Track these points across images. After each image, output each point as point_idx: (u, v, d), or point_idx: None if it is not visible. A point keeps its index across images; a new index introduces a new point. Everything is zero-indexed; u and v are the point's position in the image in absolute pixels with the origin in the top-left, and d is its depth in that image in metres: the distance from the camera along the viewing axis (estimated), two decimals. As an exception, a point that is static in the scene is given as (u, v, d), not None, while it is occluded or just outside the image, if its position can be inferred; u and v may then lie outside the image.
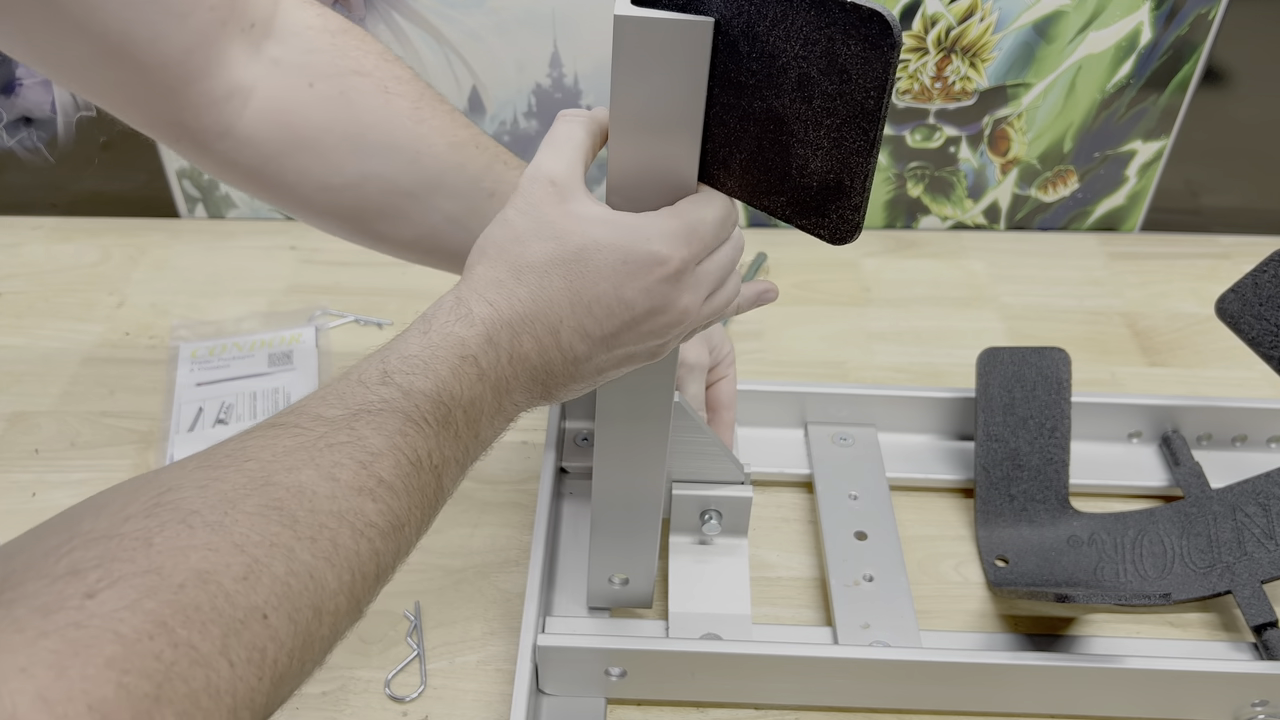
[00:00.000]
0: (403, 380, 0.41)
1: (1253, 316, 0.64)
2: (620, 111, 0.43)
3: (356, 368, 0.42)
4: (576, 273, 0.44)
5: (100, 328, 0.88)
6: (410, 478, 0.40)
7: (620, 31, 0.41)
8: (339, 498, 0.37)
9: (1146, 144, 0.96)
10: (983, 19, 0.88)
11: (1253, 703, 0.60)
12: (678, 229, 0.45)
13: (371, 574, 0.38)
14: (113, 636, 0.29)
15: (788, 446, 0.77)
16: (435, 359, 0.42)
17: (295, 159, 0.56)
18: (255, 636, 0.33)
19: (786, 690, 0.61)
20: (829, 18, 0.38)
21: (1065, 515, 0.71)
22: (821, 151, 0.41)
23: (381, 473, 0.39)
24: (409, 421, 0.40)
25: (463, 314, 0.44)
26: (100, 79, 0.52)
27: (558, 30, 0.89)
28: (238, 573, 0.33)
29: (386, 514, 0.39)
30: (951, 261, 0.98)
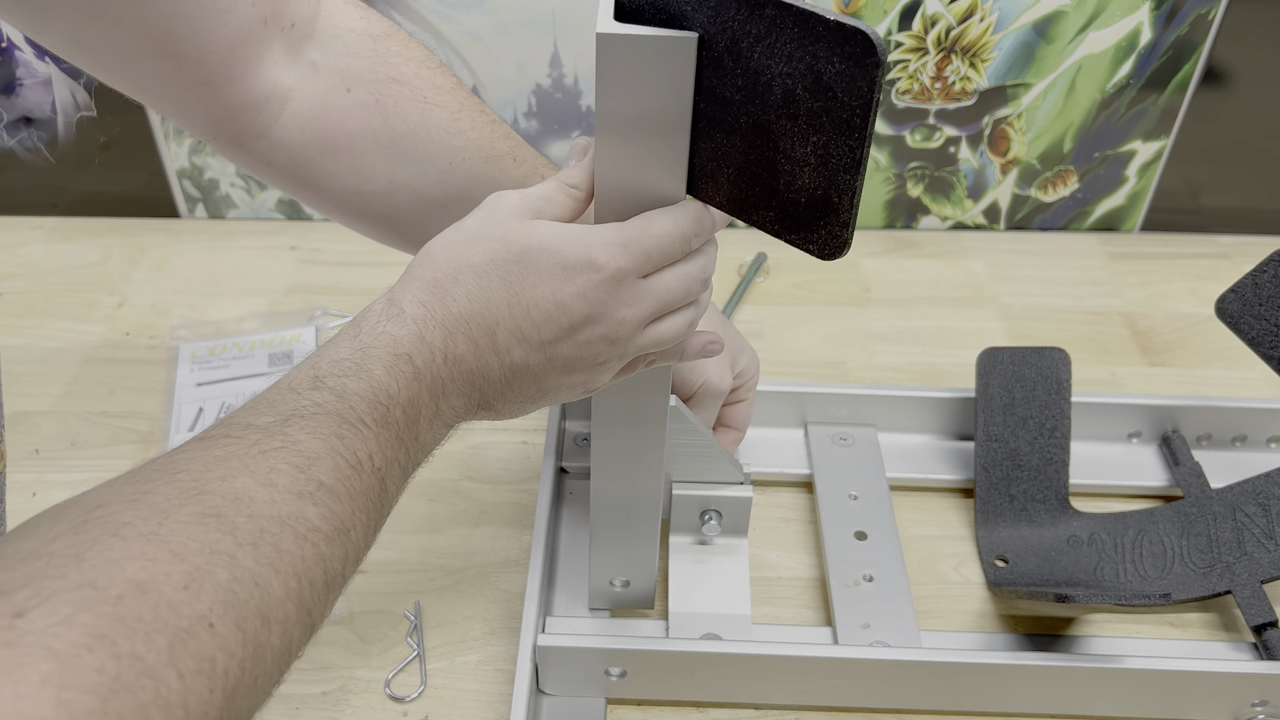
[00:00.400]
0: (335, 383, 0.41)
1: (1252, 316, 0.64)
2: (605, 126, 0.43)
3: (286, 376, 0.41)
4: (516, 274, 0.44)
5: (100, 328, 0.89)
6: (351, 480, 0.39)
7: (604, 49, 0.41)
8: (278, 503, 0.36)
9: (1146, 144, 0.96)
10: (983, 19, 0.88)
11: (1252, 703, 0.60)
12: (620, 238, 0.45)
13: (319, 580, 0.37)
14: (46, 653, 0.28)
15: (788, 446, 0.77)
16: (368, 359, 0.42)
17: (328, 163, 0.56)
18: (203, 646, 0.31)
19: (786, 690, 0.61)
20: (813, 35, 0.37)
21: (1065, 515, 0.71)
22: (809, 168, 0.41)
23: (320, 476, 0.38)
24: (345, 424, 0.40)
25: (394, 314, 0.44)
26: (142, 73, 0.51)
27: (558, 30, 0.89)
28: (178, 581, 0.32)
29: (329, 518, 0.38)
30: (951, 261, 0.98)
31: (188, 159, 0.97)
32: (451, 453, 0.77)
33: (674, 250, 0.46)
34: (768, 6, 0.38)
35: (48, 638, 0.28)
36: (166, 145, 0.96)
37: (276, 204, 1.01)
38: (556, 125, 0.95)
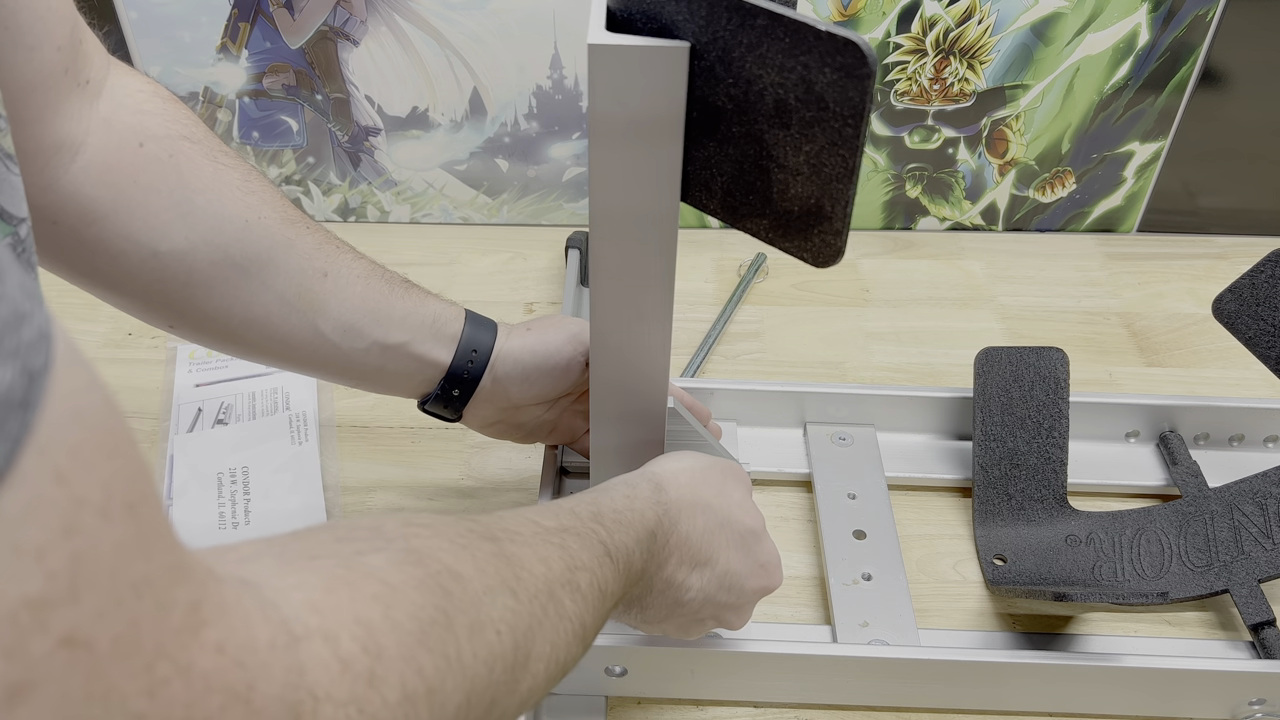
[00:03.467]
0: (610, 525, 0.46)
1: (1250, 317, 0.64)
2: (599, 135, 0.43)
3: (569, 500, 0.47)
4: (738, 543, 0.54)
5: (103, 328, 0.89)
6: (596, 600, 0.42)
7: (595, 59, 0.40)
8: (551, 580, 0.39)
9: (1144, 145, 0.96)
10: (981, 21, 0.89)
11: (1250, 701, 0.60)
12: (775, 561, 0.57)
13: (556, 665, 0.39)
14: (379, 582, 0.31)
15: (787, 446, 0.77)
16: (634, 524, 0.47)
17: (122, 221, 0.53)
18: (489, 644, 0.34)
19: (786, 688, 0.61)
20: (804, 45, 0.37)
21: (1063, 514, 0.71)
22: (801, 176, 0.41)
23: (580, 583, 0.41)
24: (608, 556, 0.44)
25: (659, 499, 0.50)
26: None
27: (558, 32, 0.89)
28: (479, 586, 0.35)
29: (577, 617, 0.41)
30: (950, 262, 0.98)
31: (189, 160, 0.97)
32: (453, 453, 0.77)
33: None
34: (759, 16, 0.38)
35: (382, 572, 0.32)
36: (168, 146, 0.96)
37: (277, 205, 1.01)
38: (557, 127, 0.95)
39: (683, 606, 0.52)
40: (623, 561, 0.45)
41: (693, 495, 0.52)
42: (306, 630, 0.28)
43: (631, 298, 0.50)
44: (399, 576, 0.32)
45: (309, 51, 0.91)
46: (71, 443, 0.21)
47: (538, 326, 0.63)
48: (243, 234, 0.55)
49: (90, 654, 0.21)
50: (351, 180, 0.99)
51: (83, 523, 0.21)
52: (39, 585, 0.20)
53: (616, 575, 0.44)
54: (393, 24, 0.89)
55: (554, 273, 0.95)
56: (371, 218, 1.02)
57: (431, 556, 0.34)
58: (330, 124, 0.96)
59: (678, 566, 0.50)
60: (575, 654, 0.41)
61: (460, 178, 0.99)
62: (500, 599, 0.36)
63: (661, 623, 0.53)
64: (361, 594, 0.30)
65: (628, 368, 0.53)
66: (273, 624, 0.27)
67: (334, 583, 0.30)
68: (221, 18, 0.89)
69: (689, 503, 0.51)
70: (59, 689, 0.20)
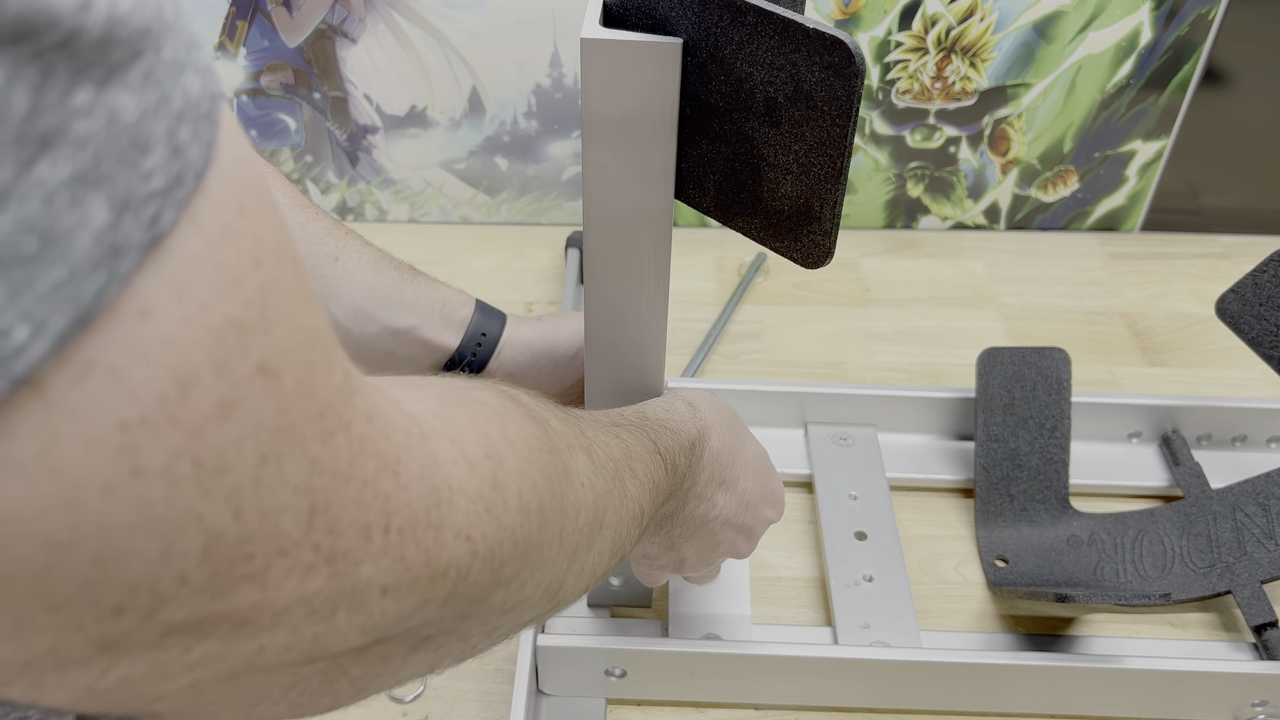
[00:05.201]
0: (656, 428, 0.47)
1: (1253, 316, 0.64)
2: (592, 130, 0.43)
3: (614, 409, 0.49)
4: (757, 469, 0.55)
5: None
6: (650, 490, 0.44)
7: (589, 54, 0.41)
8: (616, 459, 0.41)
9: (1146, 144, 0.96)
10: (983, 19, 0.88)
11: (1252, 703, 0.60)
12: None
13: (620, 541, 0.41)
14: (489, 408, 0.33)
15: (788, 446, 0.77)
16: (680, 431, 0.49)
17: None
18: (576, 490, 0.36)
19: (786, 690, 0.61)
20: (793, 43, 0.37)
21: (1065, 515, 0.71)
22: (791, 176, 0.41)
23: (637, 470, 0.43)
24: (657, 452, 0.45)
25: (694, 417, 0.51)
26: None
27: (558, 31, 0.89)
28: (564, 439, 0.37)
29: (637, 500, 0.42)
30: (951, 261, 0.98)
31: (187, 159, 0.97)
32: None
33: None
34: (749, 13, 0.38)
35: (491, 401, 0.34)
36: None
37: (276, 204, 1.00)
38: (556, 125, 0.95)
39: (707, 524, 0.53)
40: (669, 462, 0.46)
41: (719, 416, 0.53)
42: (434, 430, 0.29)
43: (626, 295, 0.49)
44: (505, 407, 0.34)
45: (307, 50, 0.91)
46: (247, 182, 0.22)
47: (548, 318, 0.64)
48: None
49: (279, 386, 0.22)
50: (350, 179, 0.99)
51: (264, 259, 0.21)
52: (239, 308, 0.20)
53: (665, 473, 0.45)
54: (391, 22, 0.89)
55: (553, 272, 0.95)
56: (370, 217, 1.02)
57: (525, 403, 0.36)
58: (328, 123, 0.96)
59: (708, 483, 0.51)
60: (633, 537, 0.42)
61: (459, 176, 0.99)
62: (581, 458, 0.37)
63: (686, 542, 0.54)
64: (477, 413, 0.32)
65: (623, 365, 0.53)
66: (406, 415, 0.28)
67: (449, 401, 0.32)
68: (219, 16, 0.89)
69: (718, 422, 0.52)
70: (256, 413, 0.21)
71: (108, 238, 0.18)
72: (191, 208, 0.20)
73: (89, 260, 0.18)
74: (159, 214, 0.19)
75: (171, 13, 0.20)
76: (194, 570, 0.21)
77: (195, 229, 0.20)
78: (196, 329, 0.20)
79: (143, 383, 0.19)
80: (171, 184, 0.19)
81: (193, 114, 0.20)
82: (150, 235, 0.19)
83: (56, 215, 0.17)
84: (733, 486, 0.53)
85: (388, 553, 0.25)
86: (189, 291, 0.20)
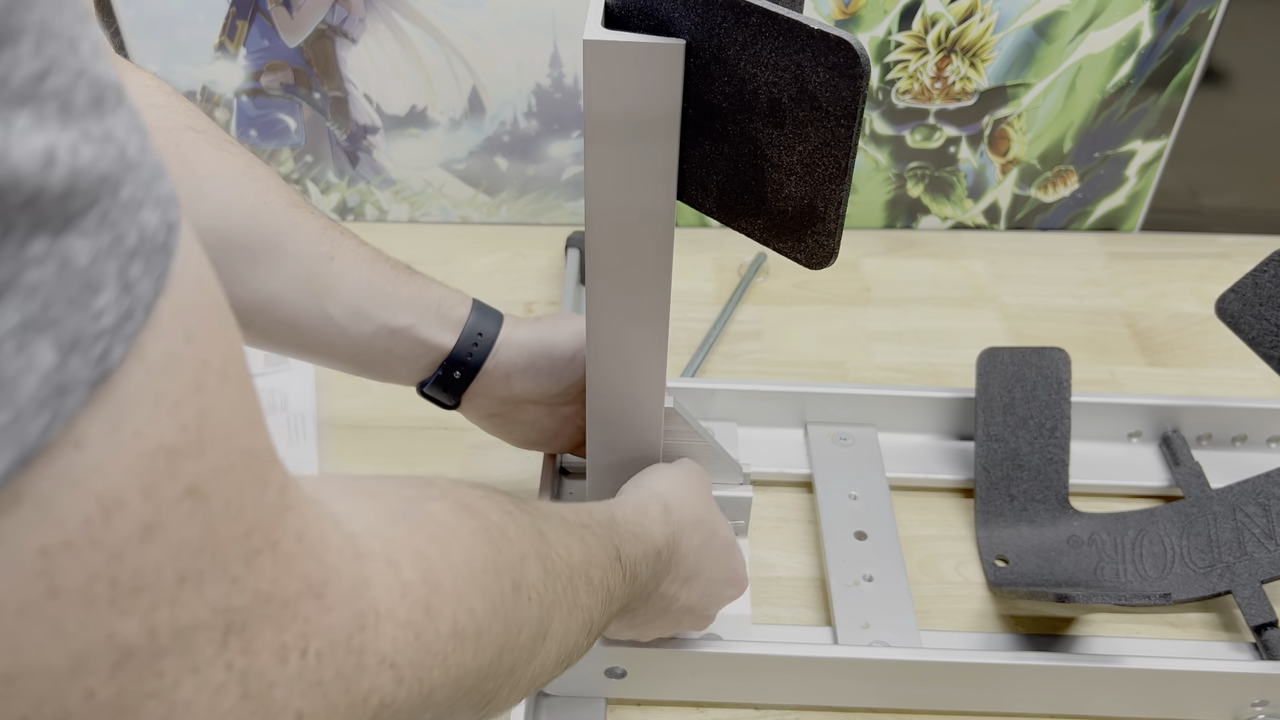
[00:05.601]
0: (622, 532, 0.47)
1: (1253, 316, 0.64)
2: (595, 132, 0.43)
3: (584, 505, 0.48)
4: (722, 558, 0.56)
5: (100, 328, 0.88)
6: (604, 599, 0.43)
7: (591, 55, 0.40)
8: (573, 566, 0.40)
9: (1146, 144, 0.96)
10: (983, 19, 0.88)
11: (1253, 703, 0.60)
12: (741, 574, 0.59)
13: (567, 649, 0.40)
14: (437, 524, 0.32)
15: (788, 446, 0.77)
16: (642, 539, 0.48)
17: None
18: (523, 606, 0.35)
19: (786, 690, 0.61)
20: (797, 44, 0.37)
21: (1065, 515, 0.71)
22: (795, 176, 0.41)
23: (594, 577, 0.42)
24: (618, 560, 0.45)
25: (666, 521, 0.51)
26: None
27: (558, 31, 0.89)
28: (520, 551, 0.36)
29: (589, 609, 0.41)
30: (951, 261, 0.98)
31: (187, 159, 0.97)
32: (451, 453, 0.77)
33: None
34: (753, 14, 0.38)
35: (441, 516, 0.33)
36: (166, 145, 0.96)
37: (276, 204, 1.00)
38: (556, 125, 0.95)
39: (667, 614, 0.54)
40: (629, 571, 0.46)
41: (693, 514, 0.53)
42: (370, 551, 0.28)
43: (628, 296, 0.49)
44: (456, 523, 0.33)
45: (307, 50, 0.91)
46: (198, 305, 0.22)
47: (546, 319, 0.64)
48: (249, 219, 0.56)
49: (206, 509, 0.22)
50: (350, 179, 0.99)
51: (207, 383, 0.22)
52: (174, 434, 0.21)
53: (623, 581, 0.45)
54: (391, 22, 0.89)
55: (553, 272, 0.95)
56: (370, 217, 1.02)
57: (482, 513, 0.35)
58: (328, 122, 0.96)
59: (672, 581, 0.52)
60: (582, 646, 0.42)
61: (459, 176, 0.99)
62: (534, 567, 0.36)
63: (645, 625, 0.55)
64: (421, 531, 0.31)
65: (624, 367, 0.53)
66: (341, 535, 0.27)
67: (395, 516, 0.31)
68: (219, 16, 0.89)
69: (690, 521, 0.53)
70: (179, 535, 0.21)
71: (54, 379, 0.18)
72: (139, 341, 0.20)
73: (34, 402, 0.18)
74: (108, 350, 0.19)
75: (135, 150, 0.19)
76: (102, 686, 0.21)
77: (140, 361, 0.20)
78: (128, 456, 0.20)
79: (69, 509, 0.19)
80: (121, 320, 0.19)
81: (147, 248, 0.20)
82: (98, 372, 0.19)
83: (2, 362, 0.17)
84: (696, 579, 0.54)
85: (304, 676, 0.25)
86: (125, 421, 0.20)
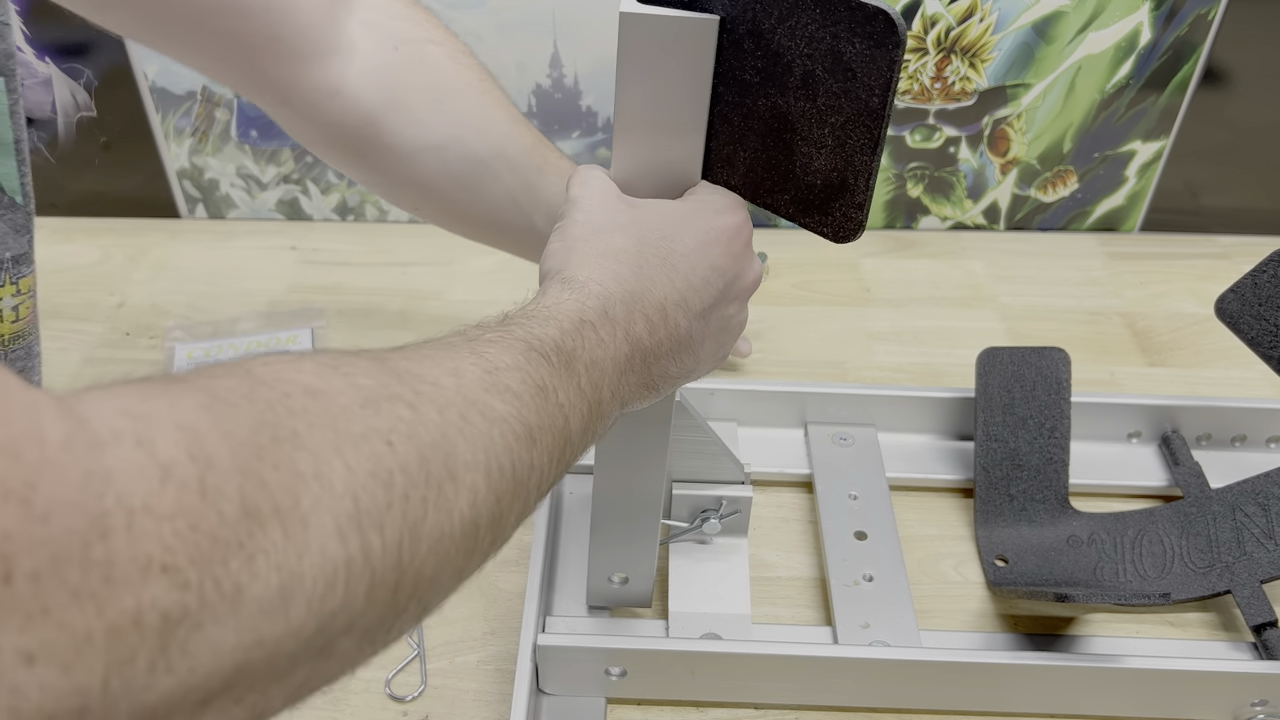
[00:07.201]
0: (523, 324, 0.39)
1: (1252, 316, 0.64)
2: (625, 108, 0.44)
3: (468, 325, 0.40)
4: (668, 250, 0.45)
5: (100, 328, 0.88)
6: (538, 399, 0.36)
7: (625, 28, 0.41)
8: (464, 389, 0.34)
9: (1146, 144, 0.96)
10: (982, 19, 0.88)
11: (1252, 702, 0.60)
12: (732, 199, 0.47)
13: (508, 471, 0.34)
14: (208, 395, 0.27)
15: (788, 446, 0.77)
16: (556, 316, 0.41)
17: (392, 118, 0.58)
18: (378, 455, 0.29)
19: (786, 690, 0.61)
20: (834, 16, 0.38)
21: (1065, 515, 0.71)
22: (825, 149, 0.42)
23: (509, 382, 0.35)
24: (532, 350, 0.38)
25: (576, 289, 0.42)
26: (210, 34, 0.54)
27: (558, 31, 0.89)
28: (355, 399, 0.30)
29: (518, 418, 0.35)
30: (951, 262, 0.98)
31: (188, 159, 0.97)
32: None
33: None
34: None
35: (214, 388, 0.27)
36: (166, 145, 0.96)
37: (276, 204, 1.01)
38: (556, 125, 0.95)
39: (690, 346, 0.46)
40: (556, 356, 0.39)
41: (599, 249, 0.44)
42: (114, 434, 0.23)
43: None
44: (232, 393, 0.27)
45: (308, 50, 0.91)
46: None
47: None
48: (483, 131, 0.60)
49: None
50: (350, 179, 0.99)
51: None
52: None
53: (553, 370, 0.38)
54: (392, 22, 0.89)
55: (554, 272, 0.95)
56: (370, 217, 1.02)
57: (281, 379, 0.29)
58: (329, 123, 0.96)
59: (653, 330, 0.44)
60: (524, 457, 0.35)
61: (460, 177, 0.99)
62: (388, 409, 0.30)
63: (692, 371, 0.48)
64: (183, 403, 0.26)
65: None
66: (69, 424, 0.23)
67: (153, 392, 0.26)
68: (220, 16, 0.89)
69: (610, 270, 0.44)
70: None
71: None
72: None
73: None
74: None
75: None
76: None
77: None
78: None
79: None
80: None
81: None
82: None
83: None
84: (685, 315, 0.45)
85: (16, 606, 0.20)
86: None
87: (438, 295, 0.92)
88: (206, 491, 0.24)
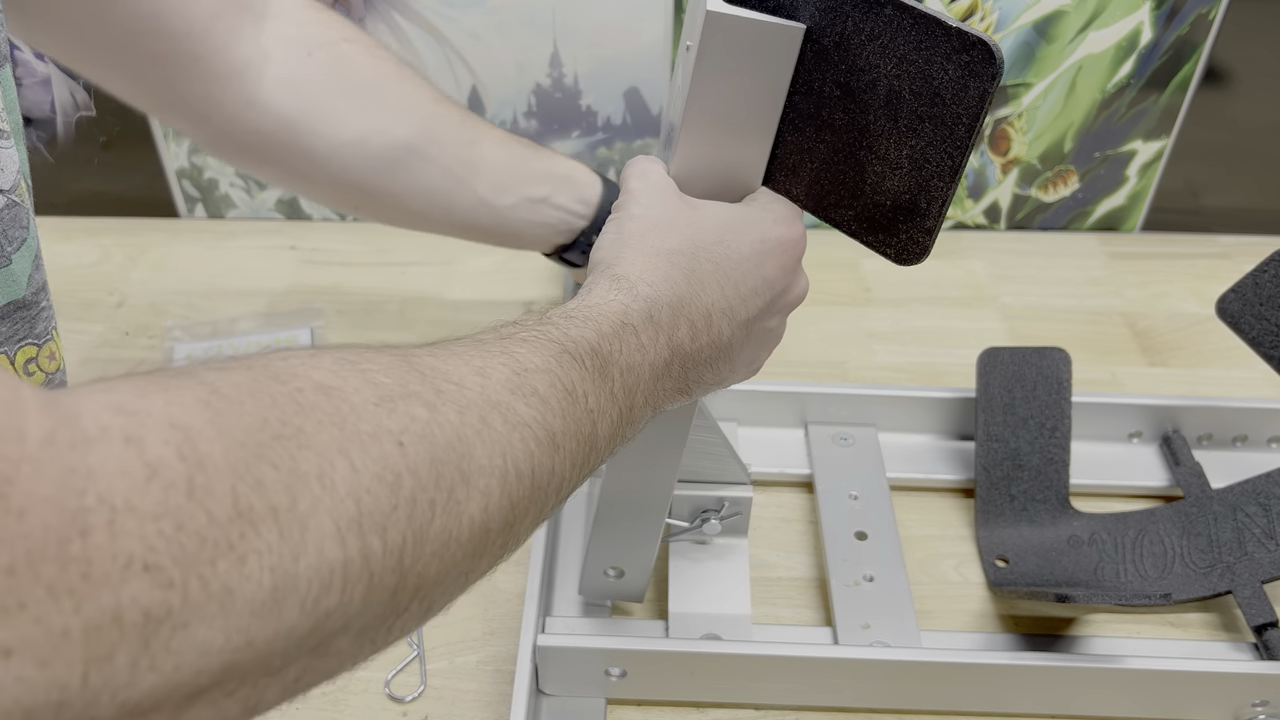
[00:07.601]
0: (561, 324, 0.39)
1: (1253, 316, 0.64)
2: (696, 106, 0.43)
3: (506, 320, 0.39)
4: (722, 255, 0.45)
5: (100, 328, 0.88)
6: (565, 403, 0.36)
7: (710, 27, 0.41)
8: (489, 390, 0.33)
9: (1147, 144, 0.96)
10: (983, 19, 0.88)
11: (1253, 703, 0.60)
12: (790, 210, 0.47)
13: (526, 476, 0.33)
14: (209, 390, 0.26)
15: (788, 446, 0.77)
16: (596, 317, 0.40)
17: (308, 121, 0.61)
18: (386, 456, 0.28)
19: (786, 690, 0.61)
20: (931, 39, 0.37)
21: (1065, 515, 0.71)
22: (900, 171, 0.41)
23: (536, 385, 0.35)
24: (565, 353, 0.37)
25: (624, 289, 0.42)
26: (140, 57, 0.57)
27: (558, 30, 0.89)
28: (369, 397, 0.29)
29: (541, 423, 0.34)
30: (952, 261, 0.98)
31: (187, 159, 0.97)
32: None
33: None
34: (887, 6, 0.38)
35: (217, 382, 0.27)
36: (166, 145, 0.96)
37: (276, 204, 1.01)
38: (556, 125, 0.95)
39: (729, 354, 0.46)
40: (590, 360, 0.38)
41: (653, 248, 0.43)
42: (102, 430, 0.23)
43: None
44: (237, 389, 0.27)
45: (308, 50, 0.91)
46: None
47: None
48: (404, 115, 0.63)
49: None
50: (350, 179, 0.99)
51: None
52: None
53: (585, 374, 0.38)
54: (391, 21, 0.89)
55: (553, 272, 0.95)
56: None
57: (295, 374, 0.29)
58: (329, 122, 0.96)
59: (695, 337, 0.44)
60: (544, 462, 0.35)
61: (460, 176, 0.99)
62: (403, 409, 0.30)
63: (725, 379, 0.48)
64: (181, 399, 0.25)
65: None
66: (53, 420, 0.23)
67: (151, 388, 0.25)
68: (220, 16, 0.89)
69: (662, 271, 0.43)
70: None
71: None
72: None
73: None
74: None
75: None
76: None
77: None
78: None
79: None
80: None
81: None
82: None
83: None
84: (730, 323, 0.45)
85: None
86: None
87: (437, 295, 0.92)
88: (195, 491, 0.24)
